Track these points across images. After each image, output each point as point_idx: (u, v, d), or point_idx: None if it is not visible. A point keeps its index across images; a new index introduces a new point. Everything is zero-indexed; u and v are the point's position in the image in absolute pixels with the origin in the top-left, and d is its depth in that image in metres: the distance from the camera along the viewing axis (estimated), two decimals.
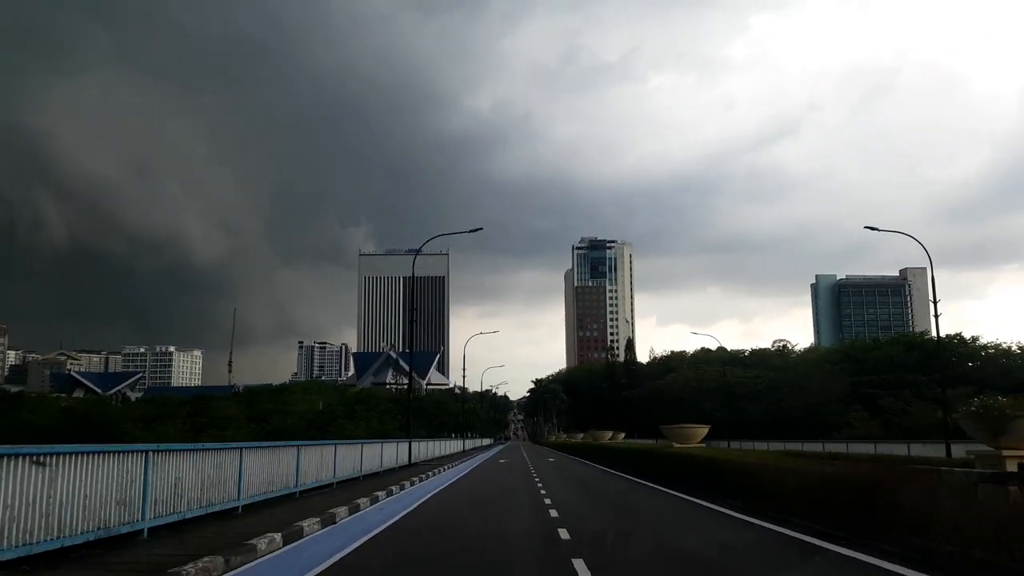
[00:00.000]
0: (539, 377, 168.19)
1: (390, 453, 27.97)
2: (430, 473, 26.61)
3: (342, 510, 13.21)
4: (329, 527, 11.83)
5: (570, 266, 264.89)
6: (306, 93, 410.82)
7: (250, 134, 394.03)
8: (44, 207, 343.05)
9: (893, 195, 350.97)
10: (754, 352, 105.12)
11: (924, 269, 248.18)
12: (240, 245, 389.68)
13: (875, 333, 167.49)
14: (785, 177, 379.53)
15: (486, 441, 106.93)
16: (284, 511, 12.81)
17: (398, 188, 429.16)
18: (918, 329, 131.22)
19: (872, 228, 38.22)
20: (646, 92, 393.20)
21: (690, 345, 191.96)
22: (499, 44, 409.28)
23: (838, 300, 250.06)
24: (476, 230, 43.73)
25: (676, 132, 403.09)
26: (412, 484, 21.50)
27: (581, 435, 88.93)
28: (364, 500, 15.26)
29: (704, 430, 35.02)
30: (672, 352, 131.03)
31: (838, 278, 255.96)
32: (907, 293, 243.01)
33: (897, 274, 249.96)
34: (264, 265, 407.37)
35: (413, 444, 31.93)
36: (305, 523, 11.10)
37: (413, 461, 31.29)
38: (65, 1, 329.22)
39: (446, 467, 32.10)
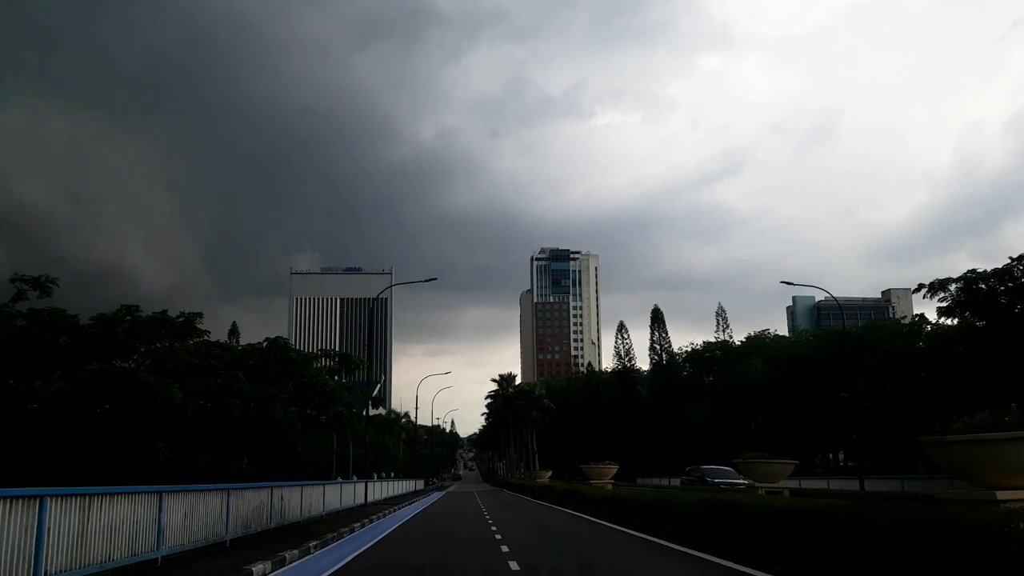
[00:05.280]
0: (500, 375, 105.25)
1: None
2: None
3: None
4: None
5: (528, 287, 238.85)
6: (241, 121, 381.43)
7: (185, 163, 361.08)
8: None
9: (831, 236, 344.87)
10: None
11: (907, 291, 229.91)
12: (180, 281, 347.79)
13: None
14: (726, 215, 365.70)
15: (392, 490, 48.91)
16: None
17: (342, 219, 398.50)
18: None
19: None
20: (593, 129, 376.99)
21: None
22: (440, 74, 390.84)
23: (818, 322, 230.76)
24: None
25: (621, 169, 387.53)
26: None
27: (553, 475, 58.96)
28: None
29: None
30: (704, 343, 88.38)
31: (816, 300, 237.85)
32: (891, 314, 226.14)
33: (879, 296, 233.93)
34: (204, 300, 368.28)
35: None
36: None
37: None
38: None
39: None
